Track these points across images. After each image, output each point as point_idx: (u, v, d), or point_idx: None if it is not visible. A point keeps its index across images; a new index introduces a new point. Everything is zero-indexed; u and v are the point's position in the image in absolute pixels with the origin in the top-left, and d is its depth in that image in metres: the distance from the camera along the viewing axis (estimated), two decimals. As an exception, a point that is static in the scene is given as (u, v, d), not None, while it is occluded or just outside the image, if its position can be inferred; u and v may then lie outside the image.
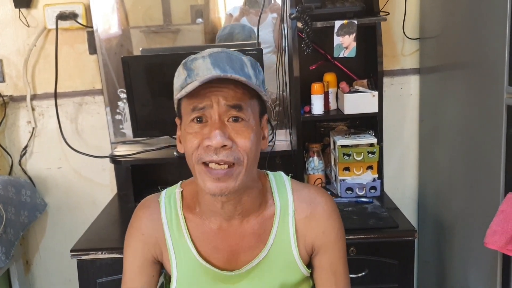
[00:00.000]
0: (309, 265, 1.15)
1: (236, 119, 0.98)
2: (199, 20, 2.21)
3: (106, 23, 2.17)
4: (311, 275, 1.16)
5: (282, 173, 1.18)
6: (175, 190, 1.15)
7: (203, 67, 0.98)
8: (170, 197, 1.14)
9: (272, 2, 2.17)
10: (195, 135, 0.99)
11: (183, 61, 1.04)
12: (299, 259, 1.10)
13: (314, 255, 1.13)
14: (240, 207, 1.07)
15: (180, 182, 1.17)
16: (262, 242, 1.09)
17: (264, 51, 2.16)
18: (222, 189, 0.98)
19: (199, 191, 1.08)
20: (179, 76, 1.02)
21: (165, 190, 1.17)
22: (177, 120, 1.08)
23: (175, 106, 1.06)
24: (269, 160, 2.04)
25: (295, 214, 1.10)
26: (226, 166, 0.97)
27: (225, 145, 0.96)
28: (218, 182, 0.98)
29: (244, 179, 1.00)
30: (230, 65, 0.98)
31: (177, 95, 1.00)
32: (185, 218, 1.11)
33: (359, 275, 1.71)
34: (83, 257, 1.73)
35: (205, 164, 0.98)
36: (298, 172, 2.09)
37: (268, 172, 1.17)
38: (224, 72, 0.96)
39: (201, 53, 1.02)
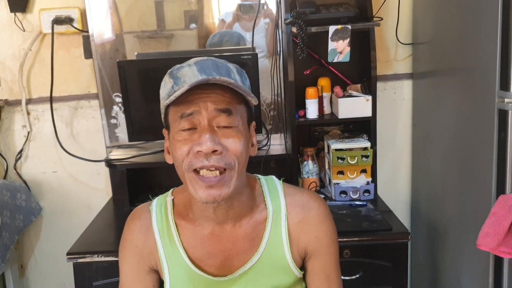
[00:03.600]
0: (302, 267, 1.15)
1: (226, 126, 0.98)
2: (193, 25, 2.23)
3: (102, 27, 2.18)
4: (304, 276, 1.16)
5: (273, 177, 1.18)
6: (166, 198, 1.15)
7: (189, 74, 0.98)
8: (161, 206, 1.14)
9: (265, 8, 2.19)
10: (184, 142, 0.98)
11: (169, 71, 1.04)
12: (292, 263, 1.10)
13: (307, 259, 1.13)
14: (232, 211, 1.06)
15: (171, 189, 1.17)
16: (254, 246, 1.09)
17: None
18: (215, 197, 0.98)
19: (192, 197, 1.07)
20: (165, 85, 1.02)
21: (157, 198, 1.17)
22: (164, 132, 1.08)
23: (162, 116, 1.06)
24: (264, 164, 2.06)
25: (288, 219, 1.10)
26: (217, 172, 0.97)
27: (215, 150, 0.96)
28: (210, 189, 0.97)
29: (236, 185, 1.00)
30: (217, 72, 0.98)
31: (164, 103, 0.99)
32: (176, 226, 1.10)
33: (353, 277, 1.72)
34: (79, 260, 1.73)
35: (196, 171, 0.98)
36: (292, 176, 2.11)
37: (259, 176, 1.17)
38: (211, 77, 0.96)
39: (187, 62, 1.02)
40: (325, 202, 1.16)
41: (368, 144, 2.01)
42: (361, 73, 2.13)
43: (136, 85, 2.03)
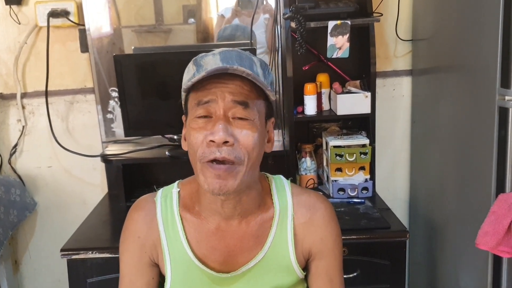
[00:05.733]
0: (305, 268, 1.14)
1: (241, 118, 0.98)
2: (191, 20, 2.21)
3: (99, 21, 2.15)
4: (306, 277, 1.15)
5: (282, 176, 1.17)
6: (172, 190, 1.13)
7: (212, 63, 0.98)
8: (166, 197, 1.12)
9: (264, 3, 2.17)
10: (199, 130, 0.98)
11: (194, 58, 1.03)
12: (296, 263, 1.10)
13: (311, 260, 1.13)
14: (240, 207, 1.06)
15: (177, 182, 1.16)
16: (259, 244, 1.08)
17: (257, 51, 2.15)
18: (221, 186, 0.97)
19: (200, 189, 1.07)
20: (189, 71, 1.02)
21: (161, 189, 1.15)
22: (183, 118, 1.08)
23: (183, 102, 1.06)
24: (262, 161, 2.03)
25: (294, 219, 1.10)
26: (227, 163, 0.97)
27: (227, 141, 0.96)
28: (218, 178, 0.97)
29: (244, 179, 0.99)
30: (239, 63, 0.98)
31: (182, 88, 1.00)
32: (181, 218, 1.09)
33: (350, 275, 1.71)
34: (73, 257, 1.71)
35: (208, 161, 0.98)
36: (290, 173, 2.09)
37: (268, 174, 1.17)
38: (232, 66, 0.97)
39: (212, 51, 1.02)
40: (331, 205, 1.15)
41: (366, 141, 2.00)
42: (360, 69, 2.11)
43: (132, 80, 2.01)
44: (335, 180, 2.00)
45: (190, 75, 1.00)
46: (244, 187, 1.01)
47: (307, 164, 2.11)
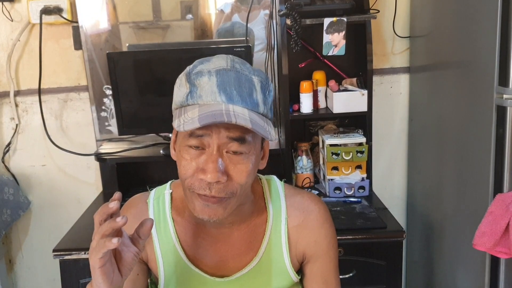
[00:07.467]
0: (299, 271, 1.12)
1: (236, 152, 0.92)
2: (189, 16, 2.18)
3: (92, 18, 2.13)
4: (301, 280, 1.13)
5: (275, 177, 1.14)
6: (165, 191, 1.11)
7: (207, 88, 0.91)
8: (159, 199, 1.10)
9: (264, -2, 2.15)
10: (190, 161, 0.93)
11: (187, 69, 0.95)
12: (290, 267, 1.08)
13: (305, 263, 1.11)
14: (231, 218, 1.03)
15: (170, 182, 1.14)
16: (252, 250, 1.06)
17: (257, 48, 2.13)
18: (210, 215, 0.94)
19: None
20: (181, 87, 0.94)
21: (154, 190, 1.13)
22: (173, 124, 1.01)
23: (173, 113, 1.00)
24: (257, 159, 2.02)
25: (288, 222, 1.08)
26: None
27: (218, 181, 0.91)
28: (208, 208, 0.94)
29: (233, 207, 0.96)
30: (238, 90, 0.91)
31: (175, 123, 0.92)
32: (173, 221, 1.08)
33: (346, 276, 1.69)
34: (66, 257, 1.70)
35: None
36: (286, 171, 2.07)
37: (261, 176, 1.14)
38: (230, 100, 0.90)
39: (208, 65, 0.93)
40: (326, 206, 1.13)
41: (363, 140, 1.98)
42: (357, 66, 2.09)
43: (126, 77, 1.99)
44: (332, 179, 1.98)
45: (183, 93, 0.93)
46: (232, 211, 0.98)
47: (303, 162, 2.09)
